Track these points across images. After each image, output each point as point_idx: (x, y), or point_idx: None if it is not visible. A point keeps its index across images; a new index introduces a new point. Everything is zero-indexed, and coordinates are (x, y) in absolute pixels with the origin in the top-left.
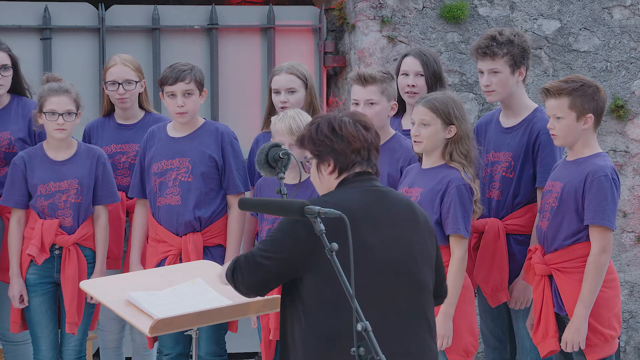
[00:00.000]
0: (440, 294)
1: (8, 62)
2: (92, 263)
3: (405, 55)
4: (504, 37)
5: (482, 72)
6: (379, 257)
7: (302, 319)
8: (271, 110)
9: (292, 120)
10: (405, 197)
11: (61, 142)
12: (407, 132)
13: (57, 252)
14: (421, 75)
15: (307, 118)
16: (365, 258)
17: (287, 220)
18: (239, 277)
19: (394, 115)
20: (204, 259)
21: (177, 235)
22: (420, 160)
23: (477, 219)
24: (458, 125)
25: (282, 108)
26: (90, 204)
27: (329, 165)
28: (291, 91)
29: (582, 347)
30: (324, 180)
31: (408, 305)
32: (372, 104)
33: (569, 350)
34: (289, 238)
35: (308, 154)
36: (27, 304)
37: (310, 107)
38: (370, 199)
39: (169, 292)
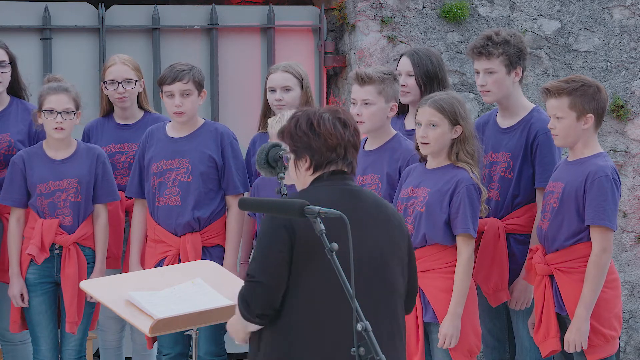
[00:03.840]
0: (409, 304)
1: (6, 58)
2: (92, 262)
3: (402, 55)
4: (500, 37)
5: (478, 72)
6: (347, 256)
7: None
8: (267, 110)
9: None
10: (376, 197)
11: (60, 141)
12: (410, 132)
13: (57, 251)
14: (411, 75)
15: None
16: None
17: (267, 227)
18: (250, 306)
19: (397, 116)
20: (202, 259)
21: (176, 235)
22: (421, 160)
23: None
24: (464, 125)
25: (277, 106)
26: (90, 203)
27: (306, 162)
28: (286, 89)
29: (584, 348)
30: (300, 177)
31: (379, 306)
32: (367, 104)
33: (571, 350)
34: (274, 245)
35: (288, 148)
36: (27, 304)
37: (306, 106)
38: (340, 198)
39: (168, 292)
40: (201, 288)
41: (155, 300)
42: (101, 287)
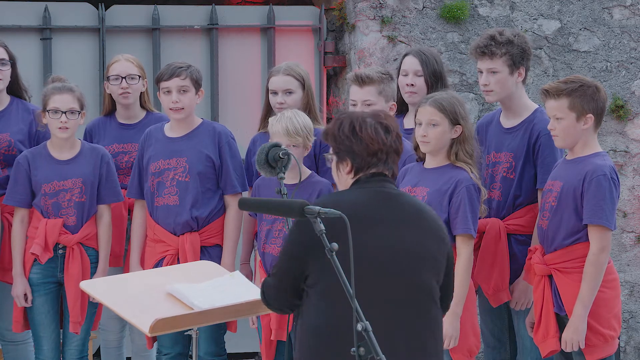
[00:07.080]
0: (445, 305)
1: (5, 56)
2: (95, 262)
3: (406, 55)
4: (503, 37)
5: (481, 72)
6: (373, 256)
7: (302, 313)
8: (268, 111)
9: (288, 121)
10: (417, 202)
11: (65, 141)
12: (409, 132)
13: (60, 251)
14: (420, 75)
15: (304, 118)
16: (359, 256)
17: (292, 227)
18: (268, 297)
19: (396, 115)
20: (201, 258)
21: (175, 235)
22: (419, 160)
23: (478, 219)
24: (464, 125)
25: (279, 109)
26: (93, 203)
27: (347, 165)
28: (288, 92)
29: (582, 347)
30: (342, 179)
31: (405, 306)
32: (369, 104)
33: (568, 350)
34: (294, 242)
35: (331, 150)
36: (30, 304)
37: (306, 107)
38: (373, 199)
39: (207, 285)
40: (239, 280)
41: (196, 293)
42: (100, 287)
